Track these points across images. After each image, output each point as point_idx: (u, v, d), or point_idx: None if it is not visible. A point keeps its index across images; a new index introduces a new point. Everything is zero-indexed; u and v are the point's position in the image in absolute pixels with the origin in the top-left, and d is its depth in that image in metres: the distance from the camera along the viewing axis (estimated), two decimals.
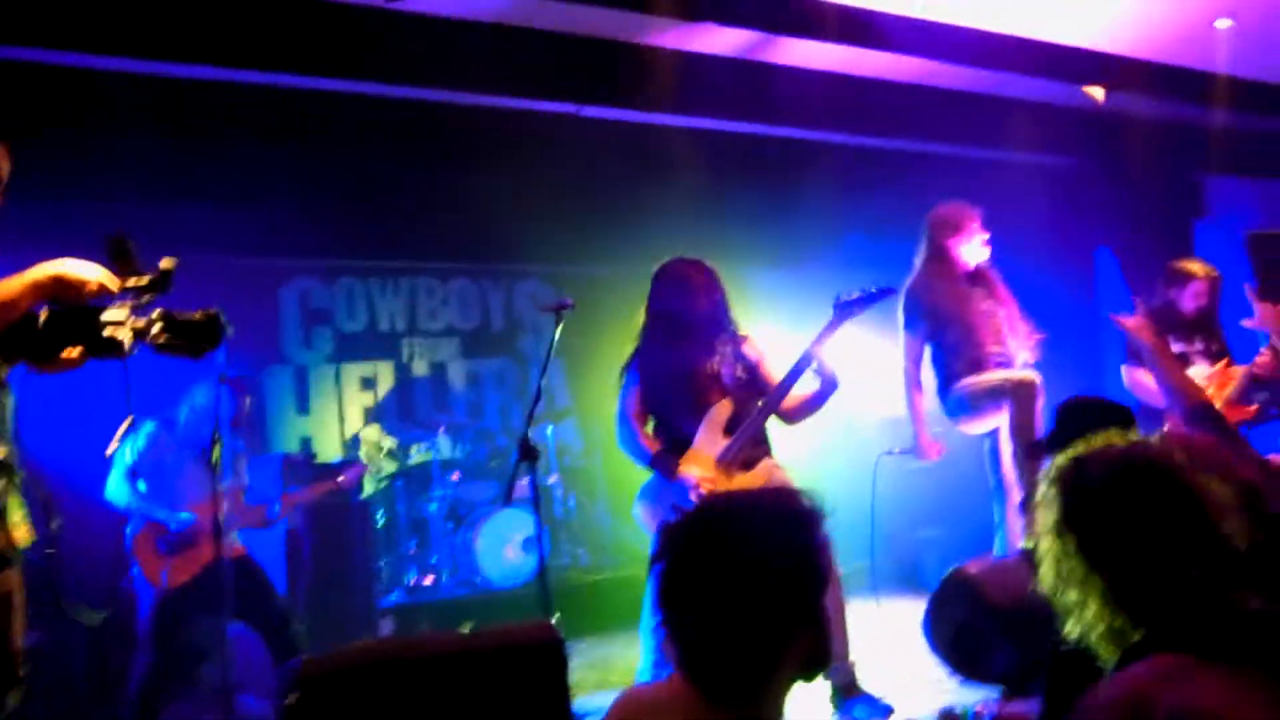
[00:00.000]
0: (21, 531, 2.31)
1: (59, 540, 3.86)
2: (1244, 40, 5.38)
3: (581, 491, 7.13)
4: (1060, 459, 1.47)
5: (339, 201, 5.97)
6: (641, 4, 4.47)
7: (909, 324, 4.37)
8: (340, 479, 4.88)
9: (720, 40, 5.10)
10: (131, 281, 2.35)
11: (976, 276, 4.43)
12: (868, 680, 3.59)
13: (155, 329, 2.33)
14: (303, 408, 7.14)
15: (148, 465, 4.09)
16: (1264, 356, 4.63)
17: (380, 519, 6.41)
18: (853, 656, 3.51)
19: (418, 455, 6.69)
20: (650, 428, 3.72)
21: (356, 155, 5.44)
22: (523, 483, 3.59)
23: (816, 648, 1.39)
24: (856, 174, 6.58)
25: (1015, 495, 4.09)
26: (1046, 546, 1.44)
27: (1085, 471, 1.42)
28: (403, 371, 7.48)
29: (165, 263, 2.37)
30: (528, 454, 3.34)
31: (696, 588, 1.36)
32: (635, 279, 4.05)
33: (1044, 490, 1.47)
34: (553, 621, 2.48)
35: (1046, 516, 1.45)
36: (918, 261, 4.46)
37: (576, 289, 6.98)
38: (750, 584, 1.32)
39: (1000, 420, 4.15)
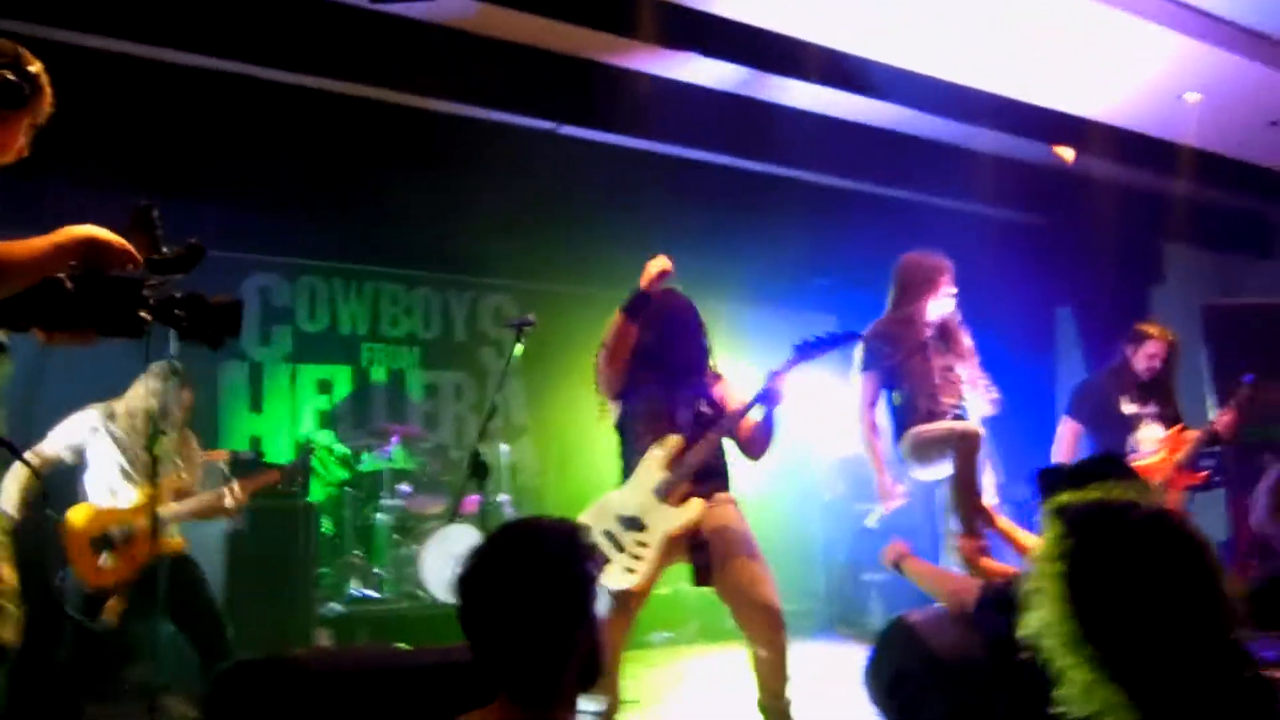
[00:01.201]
0: None
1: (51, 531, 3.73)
2: (1211, 115, 5.51)
3: (533, 511, 7.07)
4: (1064, 514, 1.41)
5: (306, 199, 5.91)
6: (625, 28, 4.49)
7: (866, 367, 4.38)
8: (282, 469, 4.79)
9: (702, 71, 5.14)
10: (156, 256, 2.21)
11: (941, 329, 4.43)
12: None
13: (179, 312, 2.21)
14: (255, 406, 7.03)
15: (86, 459, 3.98)
16: (1225, 415, 4.71)
17: (327, 526, 6.31)
18: (789, 694, 3.49)
19: (369, 463, 6.61)
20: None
21: (328, 154, 5.39)
22: (471, 499, 3.55)
23: (593, 651, 1.66)
24: (828, 214, 6.65)
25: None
26: (1044, 612, 1.37)
27: (1093, 528, 1.36)
28: (360, 377, 7.40)
29: (193, 241, 2.25)
30: (477, 471, 3.31)
31: (487, 603, 1.62)
32: (602, 300, 4.04)
33: (1046, 545, 1.40)
34: None
35: (1047, 576, 1.37)
36: (889, 302, 4.48)
37: (542, 306, 6.95)
38: (529, 592, 1.60)
39: (950, 468, 4.18)
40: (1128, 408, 4.91)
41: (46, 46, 4.31)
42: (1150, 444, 4.82)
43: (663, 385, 3.65)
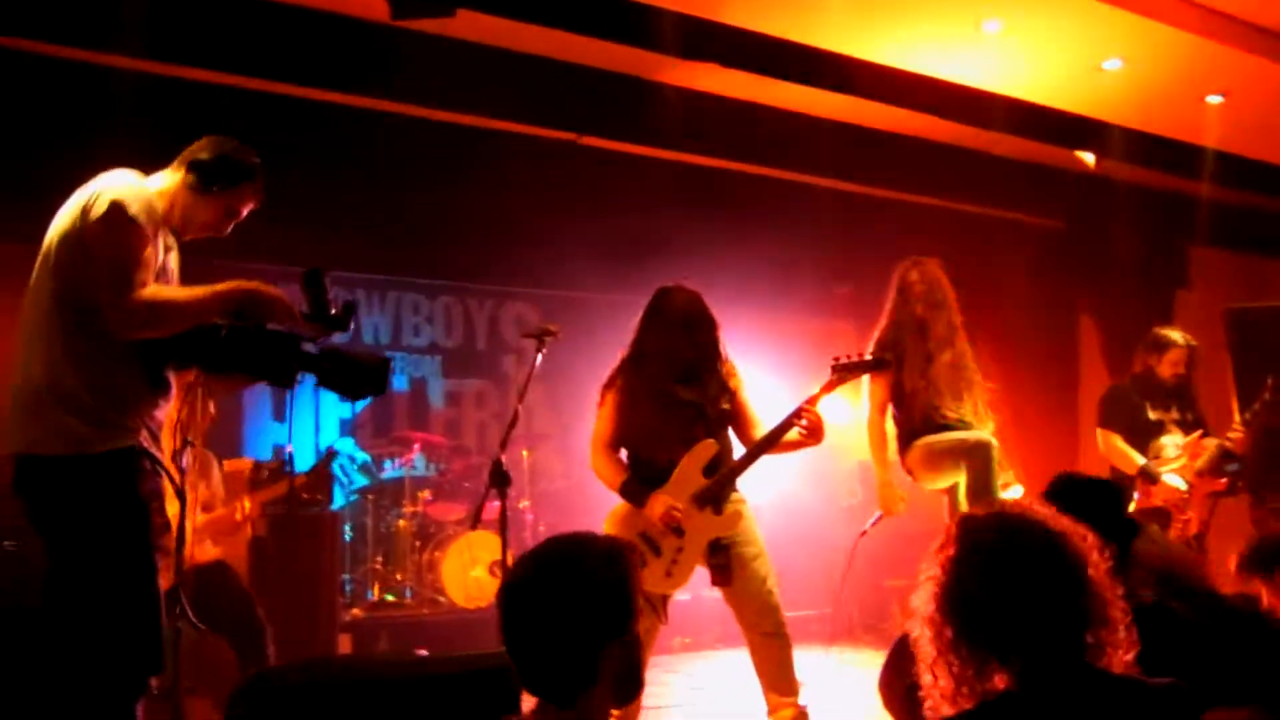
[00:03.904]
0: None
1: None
2: (1233, 117, 5.47)
3: (555, 517, 7.10)
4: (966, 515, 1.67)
5: (328, 211, 5.97)
6: (645, 40, 4.52)
7: (875, 372, 4.35)
8: (299, 478, 4.82)
9: (721, 81, 5.15)
10: (320, 314, 2.48)
11: (938, 334, 4.36)
12: None
13: (326, 365, 2.45)
14: (279, 415, 7.10)
15: None
16: (1237, 432, 4.68)
17: (348, 532, 6.36)
18: (803, 702, 3.49)
19: (391, 470, 6.66)
20: (628, 458, 3.70)
21: (351, 165, 5.45)
22: (492, 506, 3.57)
23: (628, 664, 1.67)
24: (849, 221, 6.64)
25: None
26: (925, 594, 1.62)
27: (976, 528, 1.61)
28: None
29: (349, 300, 2.55)
30: (498, 479, 3.33)
31: (523, 610, 1.65)
32: (624, 307, 4.06)
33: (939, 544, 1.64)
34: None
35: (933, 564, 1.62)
36: (886, 310, 4.45)
37: (564, 313, 6.99)
38: (563, 602, 1.62)
39: (958, 478, 4.16)
40: (1153, 414, 4.88)
41: (71, 68, 4.43)
42: (1173, 449, 4.80)
43: (675, 380, 3.62)
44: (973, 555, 1.57)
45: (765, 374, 5.42)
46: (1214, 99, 5.31)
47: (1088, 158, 5.74)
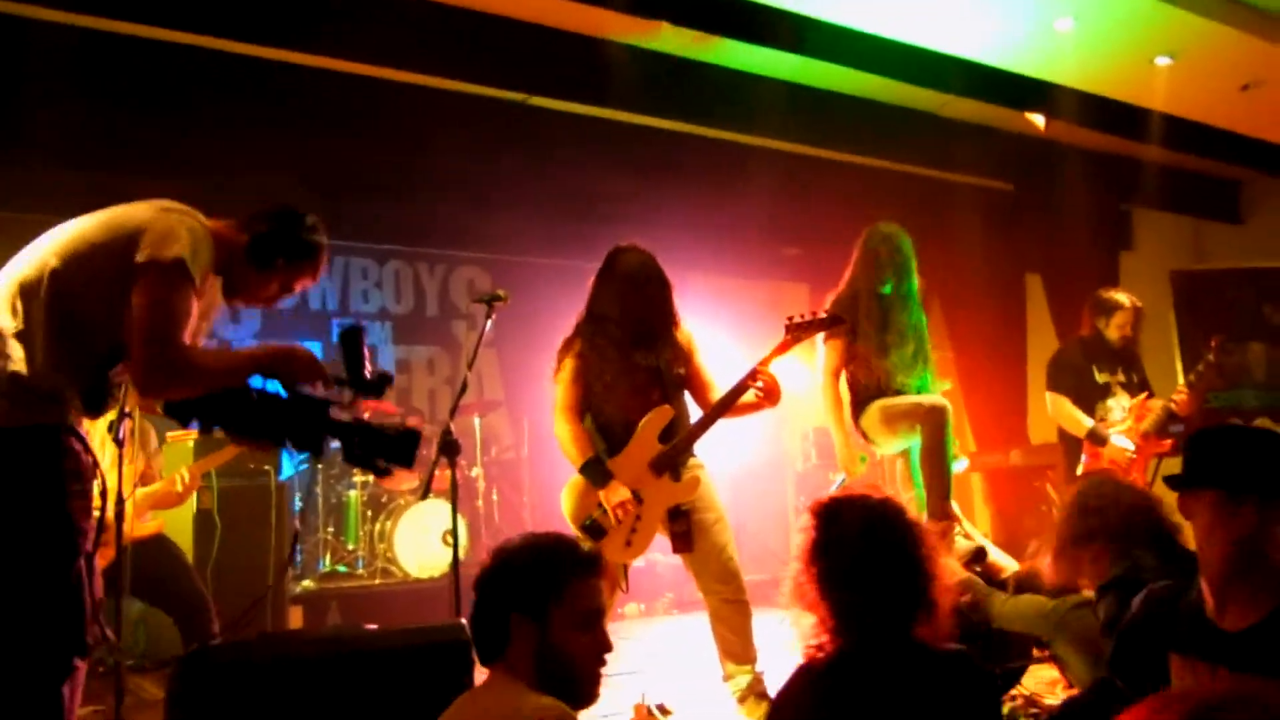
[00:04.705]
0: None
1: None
2: (1182, 79, 5.50)
3: (507, 485, 7.06)
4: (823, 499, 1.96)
5: (274, 173, 5.81)
6: None
7: (829, 336, 4.35)
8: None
9: (671, 40, 5.07)
10: (354, 377, 2.41)
11: (893, 301, 4.37)
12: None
13: (356, 438, 2.36)
14: None
15: None
16: (1182, 394, 4.76)
17: (297, 502, 6.26)
18: (759, 667, 3.51)
19: None
20: (588, 421, 3.66)
21: (290, 125, 5.29)
22: (442, 475, 3.52)
23: (545, 649, 1.86)
24: (798, 183, 6.60)
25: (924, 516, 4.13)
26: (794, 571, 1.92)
27: (839, 514, 1.89)
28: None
29: (385, 371, 2.46)
30: (447, 448, 3.28)
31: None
32: (576, 271, 4.00)
33: (804, 521, 1.93)
34: (463, 621, 2.42)
35: (801, 544, 1.91)
36: (846, 275, 4.45)
37: (515, 278, 6.91)
38: (486, 585, 1.93)
39: (913, 441, 4.19)
40: (1100, 376, 4.94)
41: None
42: (1119, 412, 4.86)
43: (629, 344, 3.60)
44: (822, 537, 1.89)
45: (718, 336, 5.40)
46: (1163, 60, 5.32)
47: (1038, 120, 5.75)
